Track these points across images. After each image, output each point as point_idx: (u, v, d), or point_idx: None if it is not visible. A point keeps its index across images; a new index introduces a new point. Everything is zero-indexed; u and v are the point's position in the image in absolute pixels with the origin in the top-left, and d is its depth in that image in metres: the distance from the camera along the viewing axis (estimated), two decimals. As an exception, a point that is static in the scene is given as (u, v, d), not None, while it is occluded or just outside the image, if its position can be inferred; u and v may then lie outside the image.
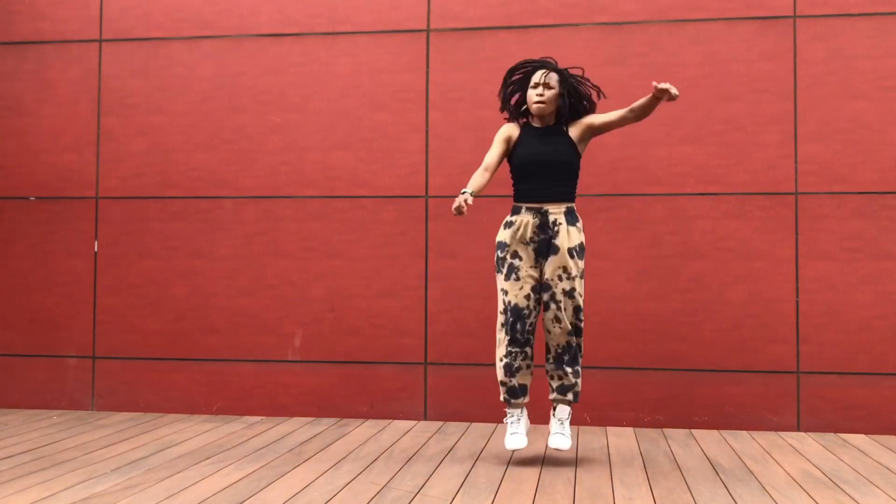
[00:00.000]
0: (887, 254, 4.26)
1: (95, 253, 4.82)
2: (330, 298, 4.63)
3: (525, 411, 3.60)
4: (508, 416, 3.56)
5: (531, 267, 3.49)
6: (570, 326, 3.45)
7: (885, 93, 4.30)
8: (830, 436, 4.16)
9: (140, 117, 4.83)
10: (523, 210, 3.53)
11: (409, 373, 4.55)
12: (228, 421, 4.48)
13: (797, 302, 4.30)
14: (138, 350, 4.75)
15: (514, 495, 3.01)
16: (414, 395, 4.54)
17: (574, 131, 3.57)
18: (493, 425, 4.38)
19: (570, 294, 3.45)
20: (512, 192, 3.65)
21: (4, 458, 3.56)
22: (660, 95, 3.42)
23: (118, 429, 4.24)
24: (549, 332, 3.49)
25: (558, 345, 3.48)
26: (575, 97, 3.57)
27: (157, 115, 4.82)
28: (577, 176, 3.58)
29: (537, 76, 3.54)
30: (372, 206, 4.63)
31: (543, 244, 3.48)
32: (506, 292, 3.49)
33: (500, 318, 3.52)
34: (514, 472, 3.37)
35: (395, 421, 4.50)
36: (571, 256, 3.45)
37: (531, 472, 3.36)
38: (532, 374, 3.56)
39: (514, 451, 3.54)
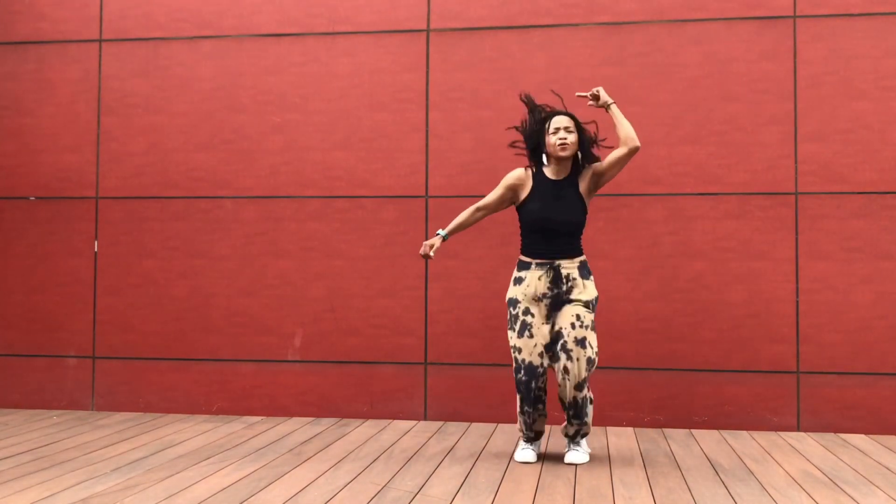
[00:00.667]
0: (887, 254, 4.25)
1: (95, 253, 4.82)
2: (330, 298, 4.63)
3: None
4: (523, 442, 3.61)
5: (543, 323, 3.46)
6: (578, 379, 3.36)
7: (885, 93, 4.30)
8: (830, 436, 4.16)
9: (140, 117, 4.83)
10: (533, 266, 3.48)
11: (409, 373, 4.55)
12: (228, 421, 4.48)
13: (797, 302, 4.30)
14: (138, 350, 4.75)
15: (514, 495, 3.01)
16: (414, 395, 4.54)
17: (583, 184, 3.52)
18: (493, 425, 4.38)
19: (581, 343, 3.37)
20: (519, 243, 3.62)
21: (4, 458, 3.56)
22: (595, 103, 3.50)
23: (118, 429, 4.24)
24: (559, 384, 3.43)
25: (566, 401, 3.43)
26: (588, 143, 3.53)
27: (157, 115, 4.82)
28: (583, 228, 3.55)
29: (558, 121, 3.48)
30: (372, 206, 4.63)
31: (557, 297, 3.45)
32: (519, 350, 3.45)
33: (515, 375, 3.47)
34: (514, 472, 3.37)
35: (395, 421, 4.50)
36: (587, 307, 3.43)
37: (531, 472, 3.36)
38: (546, 416, 3.59)
39: (523, 462, 3.54)
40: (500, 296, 4.46)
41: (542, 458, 3.64)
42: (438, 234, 3.63)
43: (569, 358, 3.36)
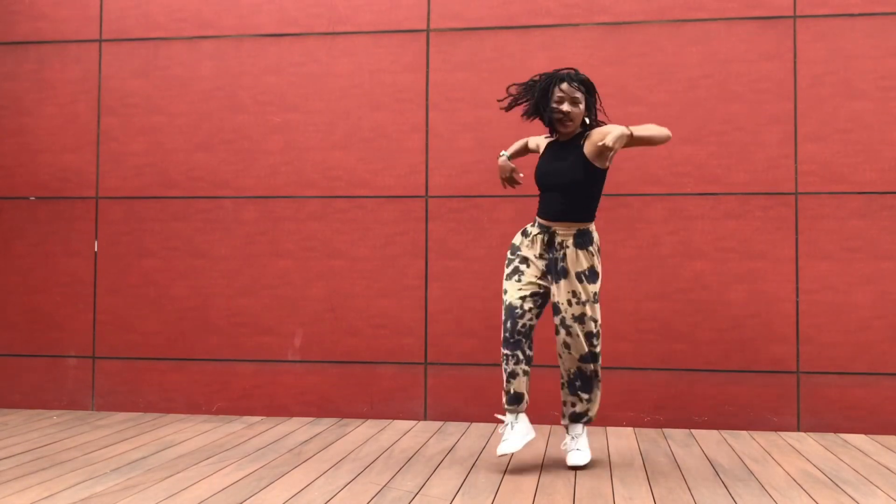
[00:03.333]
0: (887, 254, 4.26)
1: (95, 253, 4.82)
2: (330, 298, 4.63)
3: (522, 417, 3.42)
4: (506, 422, 3.43)
5: (537, 277, 3.39)
6: (583, 351, 3.35)
7: (885, 93, 4.30)
8: (830, 436, 4.16)
9: (140, 117, 4.83)
10: (537, 224, 3.43)
11: (409, 373, 4.55)
12: (228, 421, 4.48)
13: (797, 302, 4.30)
14: (138, 350, 4.75)
15: (514, 495, 3.01)
16: (414, 395, 4.54)
17: (588, 146, 3.31)
18: (493, 425, 4.37)
19: (580, 319, 3.33)
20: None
21: (4, 458, 3.56)
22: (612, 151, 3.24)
23: (118, 429, 4.24)
24: (560, 356, 3.42)
25: (569, 370, 3.42)
26: (594, 109, 3.39)
27: (157, 115, 4.82)
28: (590, 195, 3.35)
29: (561, 90, 3.30)
30: (372, 206, 4.63)
31: (552, 264, 3.38)
32: (505, 291, 3.41)
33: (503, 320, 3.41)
34: (514, 472, 3.37)
35: (395, 421, 4.50)
36: (580, 281, 3.31)
37: (531, 472, 3.36)
38: (528, 381, 3.42)
39: (501, 455, 3.42)
40: (500, 296, 4.46)
41: (542, 459, 3.64)
42: (503, 156, 3.57)
43: (568, 333, 3.35)
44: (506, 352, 3.39)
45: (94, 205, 4.84)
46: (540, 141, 3.60)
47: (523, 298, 3.36)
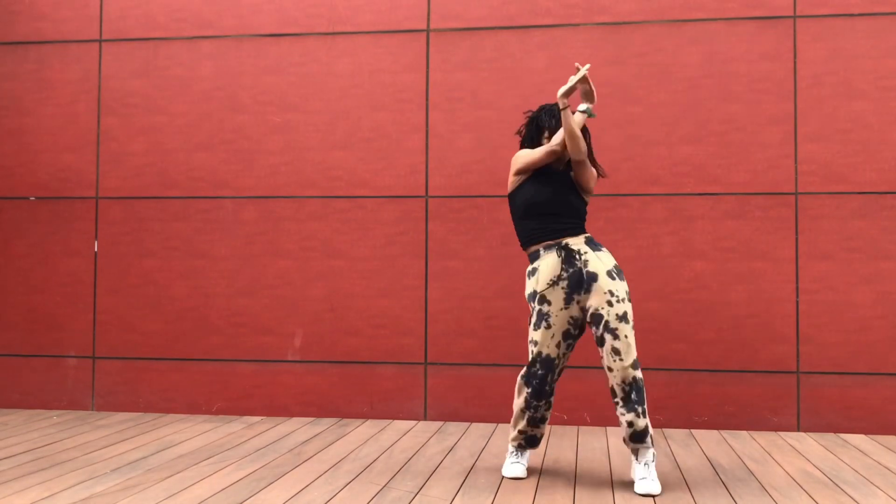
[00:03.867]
0: (887, 254, 4.25)
1: (95, 253, 4.82)
2: (330, 298, 4.63)
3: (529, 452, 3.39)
4: (513, 451, 3.35)
5: (562, 309, 3.18)
6: (633, 355, 3.08)
7: (885, 93, 4.30)
8: (830, 436, 4.16)
9: (140, 117, 4.83)
10: (542, 252, 3.23)
11: (409, 373, 4.55)
12: (228, 421, 4.48)
13: (797, 302, 4.30)
14: (138, 350, 4.75)
15: (514, 495, 3.01)
16: (414, 395, 4.54)
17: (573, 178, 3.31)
18: (493, 425, 4.37)
19: (624, 318, 3.10)
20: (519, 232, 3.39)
21: (4, 458, 3.56)
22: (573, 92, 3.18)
23: (118, 429, 4.24)
24: (610, 369, 3.10)
25: (624, 382, 3.08)
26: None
27: (157, 115, 4.82)
28: (583, 206, 3.31)
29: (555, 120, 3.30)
30: (372, 206, 4.63)
31: (574, 276, 3.17)
32: (535, 343, 3.20)
33: (527, 369, 3.24)
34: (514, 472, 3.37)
35: (395, 421, 4.50)
36: (612, 278, 3.15)
37: (531, 473, 3.36)
38: (548, 421, 3.41)
39: (511, 477, 3.29)
40: (500, 296, 4.46)
41: (542, 459, 3.64)
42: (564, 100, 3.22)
43: (616, 337, 3.07)
44: (539, 403, 3.23)
45: (94, 205, 4.84)
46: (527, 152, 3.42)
47: (558, 345, 3.20)
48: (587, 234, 3.28)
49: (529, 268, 3.29)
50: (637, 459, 3.13)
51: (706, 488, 3.12)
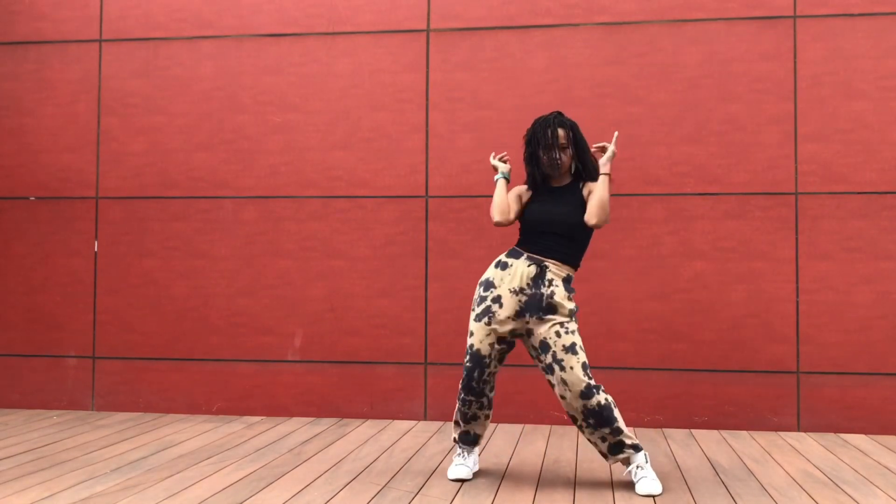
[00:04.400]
0: (887, 254, 4.25)
1: (95, 253, 4.82)
2: (330, 298, 4.63)
3: (476, 451, 3.36)
4: (458, 450, 3.33)
5: (509, 318, 3.16)
6: (581, 386, 3.05)
7: (885, 93, 4.30)
8: (830, 436, 4.16)
9: (140, 117, 4.83)
10: (523, 257, 3.21)
11: (409, 373, 4.55)
12: (228, 421, 4.48)
13: (797, 302, 4.30)
14: (138, 350, 4.75)
15: (514, 495, 3.01)
16: (414, 395, 4.54)
17: (586, 192, 3.27)
18: (493, 425, 4.37)
19: (571, 349, 3.09)
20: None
21: (4, 458, 3.56)
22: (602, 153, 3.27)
23: (118, 429, 4.24)
24: (562, 397, 3.11)
25: (577, 410, 3.10)
26: (585, 153, 3.30)
27: (157, 115, 4.82)
28: (585, 241, 3.29)
29: (549, 137, 3.24)
30: (372, 206, 4.63)
31: (534, 299, 3.15)
32: (471, 334, 3.20)
33: (464, 370, 3.23)
34: (514, 472, 3.37)
35: (395, 421, 4.50)
36: (570, 317, 3.15)
37: (531, 472, 3.36)
38: (489, 423, 3.36)
39: (454, 479, 3.24)
40: (500, 296, 4.46)
41: (542, 459, 3.64)
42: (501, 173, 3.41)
43: (562, 369, 3.07)
44: (468, 398, 3.21)
45: (94, 205, 4.84)
46: (521, 191, 3.39)
47: (492, 345, 3.18)
48: (571, 272, 3.23)
49: (503, 259, 3.26)
50: (627, 466, 3.15)
51: (706, 488, 3.12)
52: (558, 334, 3.11)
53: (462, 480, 3.22)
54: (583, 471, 3.40)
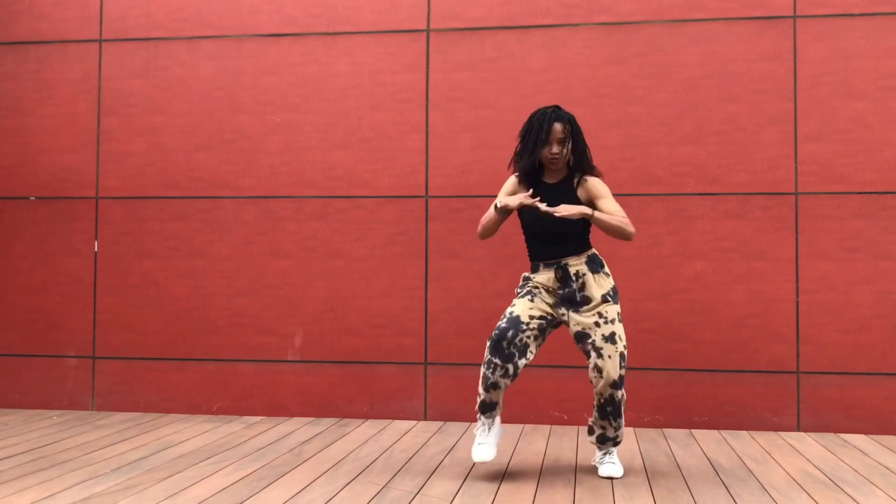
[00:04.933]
0: (887, 254, 4.25)
1: (95, 253, 4.82)
2: (330, 298, 4.63)
3: (497, 420, 3.33)
4: (478, 423, 3.32)
5: (549, 305, 3.26)
6: (615, 376, 3.14)
7: (885, 93, 4.30)
8: (830, 436, 4.16)
9: (140, 117, 4.83)
10: (541, 268, 3.30)
11: (409, 373, 4.55)
12: (228, 421, 4.48)
13: (797, 302, 4.30)
14: (138, 350, 4.75)
15: (514, 495, 3.01)
16: (414, 395, 4.54)
17: (582, 193, 3.28)
18: (493, 425, 4.37)
19: (611, 339, 3.16)
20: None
21: (4, 458, 3.56)
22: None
23: (118, 429, 4.24)
24: (592, 382, 3.22)
25: (602, 395, 3.20)
26: (581, 148, 3.28)
27: (157, 115, 4.82)
28: (586, 230, 3.31)
29: (553, 131, 3.23)
30: (372, 206, 4.63)
31: (567, 297, 3.25)
32: (513, 305, 3.26)
33: (497, 327, 3.23)
34: (514, 472, 3.37)
35: (395, 421, 4.50)
36: (606, 301, 3.21)
37: (531, 472, 3.36)
38: (507, 386, 3.27)
39: (478, 462, 3.34)
40: (500, 296, 4.46)
41: (543, 459, 3.64)
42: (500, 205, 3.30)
43: (599, 356, 3.15)
44: (494, 360, 3.17)
45: (94, 205, 4.84)
46: (509, 188, 3.38)
47: (531, 317, 3.22)
48: (590, 252, 3.29)
49: (525, 274, 3.40)
50: (598, 451, 3.39)
51: (706, 488, 3.12)
52: (597, 324, 3.20)
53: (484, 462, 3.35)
54: (583, 471, 3.40)
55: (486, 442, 3.27)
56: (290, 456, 3.64)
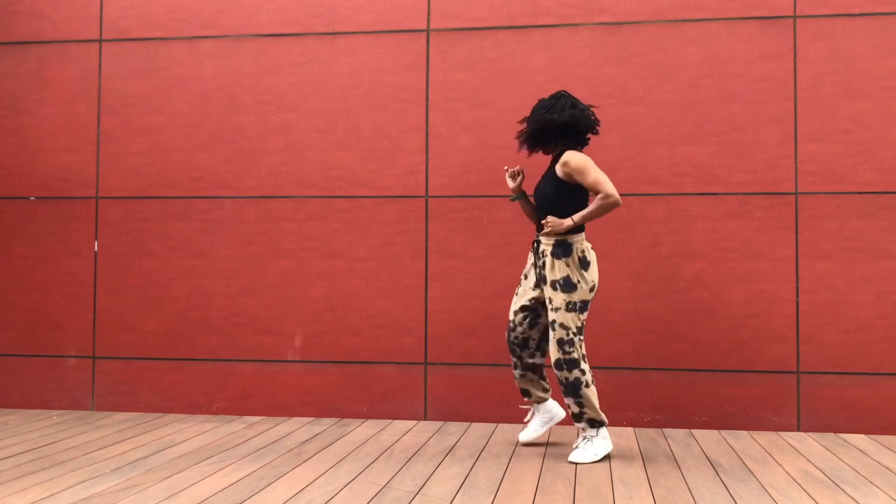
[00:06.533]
0: (887, 254, 4.26)
1: (95, 253, 4.82)
2: (330, 298, 4.63)
3: (539, 407, 3.82)
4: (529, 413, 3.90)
5: (531, 288, 3.68)
6: (554, 357, 3.54)
7: (885, 93, 4.30)
8: (830, 436, 4.16)
9: (140, 117, 4.83)
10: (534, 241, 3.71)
11: (409, 373, 4.55)
12: (228, 421, 4.48)
13: (797, 302, 4.30)
14: (138, 350, 4.75)
15: (514, 495, 3.01)
16: (414, 395, 4.54)
17: (560, 171, 3.56)
18: (493, 425, 4.38)
19: (552, 325, 3.54)
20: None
21: (4, 458, 3.56)
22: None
23: (118, 429, 4.24)
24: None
25: (557, 378, 3.61)
26: (540, 129, 3.63)
27: (157, 115, 4.82)
28: (561, 209, 3.57)
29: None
30: (372, 206, 4.63)
31: (538, 270, 3.63)
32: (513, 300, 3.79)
33: None
34: (514, 472, 3.37)
35: (395, 421, 4.50)
36: (554, 289, 3.52)
37: (531, 472, 3.36)
38: (535, 381, 3.79)
39: (522, 442, 3.86)
40: (500, 296, 4.46)
41: (543, 458, 3.64)
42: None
43: (546, 340, 3.67)
44: (512, 357, 3.79)
45: (94, 205, 4.84)
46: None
47: (515, 313, 3.71)
48: (560, 238, 3.54)
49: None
50: (583, 433, 3.66)
51: (706, 488, 3.12)
52: (547, 309, 3.58)
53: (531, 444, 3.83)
54: (583, 471, 3.40)
55: (530, 425, 3.81)
56: (290, 456, 3.64)
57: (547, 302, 3.55)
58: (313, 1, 4.73)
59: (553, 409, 3.82)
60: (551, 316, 3.53)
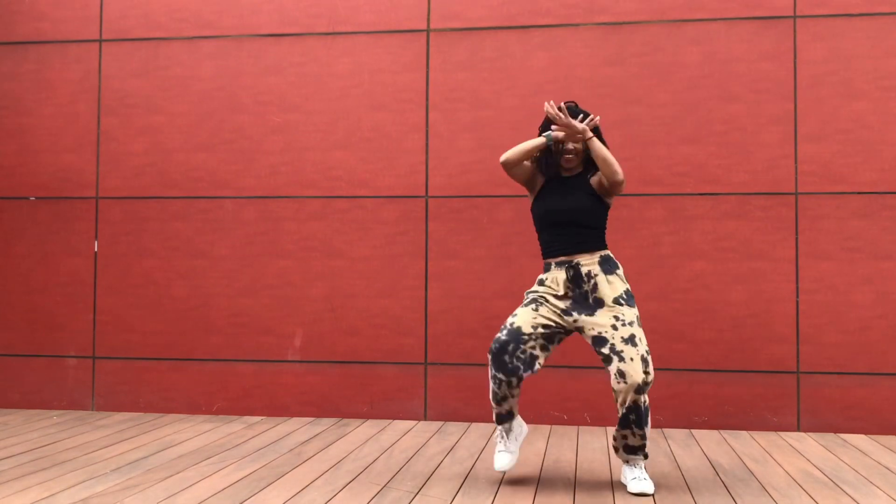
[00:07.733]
0: (887, 254, 4.25)
1: (95, 253, 4.82)
2: (330, 298, 4.63)
3: (515, 423, 3.28)
4: (497, 433, 3.29)
5: (556, 314, 3.13)
6: (639, 380, 2.97)
7: (885, 93, 4.30)
8: (830, 436, 4.16)
9: (140, 117, 4.83)
10: (553, 267, 3.18)
11: (409, 373, 4.55)
12: (228, 421, 4.48)
13: (797, 302, 4.30)
14: (138, 350, 4.75)
15: (514, 495, 3.01)
16: (414, 395, 4.54)
17: (594, 178, 3.20)
18: (493, 425, 4.37)
19: (630, 341, 3.01)
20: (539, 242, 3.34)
21: (4, 458, 3.56)
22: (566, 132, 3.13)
23: (118, 429, 4.24)
24: (615, 390, 3.04)
25: (625, 403, 3.02)
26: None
27: (157, 115, 4.82)
28: (601, 223, 3.21)
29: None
30: (372, 206, 4.63)
31: (579, 299, 3.12)
32: (515, 316, 3.13)
33: (495, 338, 3.13)
34: (515, 472, 3.37)
35: (395, 421, 4.50)
36: (620, 304, 3.08)
37: (531, 473, 3.36)
38: (517, 399, 3.22)
39: (498, 470, 3.25)
40: (500, 296, 4.47)
41: (542, 459, 3.64)
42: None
43: (621, 360, 2.99)
44: (499, 375, 3.09)
45: (94, 205, 4.84)
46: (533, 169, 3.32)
47: (535, 327, 3.10)
48: (603, 252, 3.17)
49: (540, 276, 3.24)
50: (627, 464, 3.17)
51: (706, 488, 3.12)
52: (615, 327, 3.05)
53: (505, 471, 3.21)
54: (583, 471, 3.40)
55: (505, 450, 3.22)
56: (289, 456, 3.64)
57: (612, 321, 3.05)
58: (313, 1, 4.73)
59: (522, 425, 3.31)
60: (624, 332, 3.02)
